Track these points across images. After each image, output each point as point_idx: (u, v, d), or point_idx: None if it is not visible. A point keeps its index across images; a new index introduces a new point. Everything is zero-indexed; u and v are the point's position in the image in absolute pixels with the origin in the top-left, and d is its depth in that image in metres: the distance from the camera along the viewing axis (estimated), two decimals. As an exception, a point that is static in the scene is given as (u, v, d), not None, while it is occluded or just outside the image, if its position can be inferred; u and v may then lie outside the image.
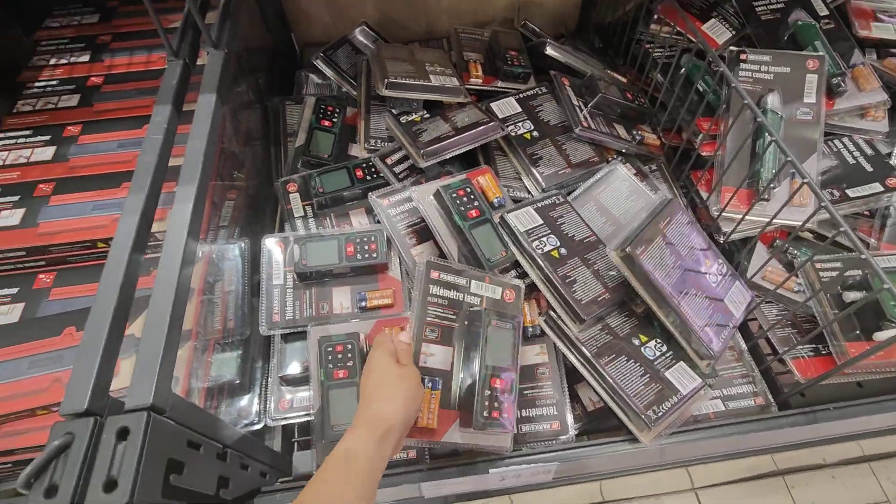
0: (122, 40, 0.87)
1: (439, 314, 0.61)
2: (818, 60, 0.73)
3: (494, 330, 0.61)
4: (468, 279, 0.64)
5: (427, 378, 0.58)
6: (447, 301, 0.62)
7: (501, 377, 0.59)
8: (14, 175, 0.69)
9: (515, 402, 0.60)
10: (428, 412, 0.56)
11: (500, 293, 0.65)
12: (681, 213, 0.64)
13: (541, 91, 0.84)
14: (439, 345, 0.60)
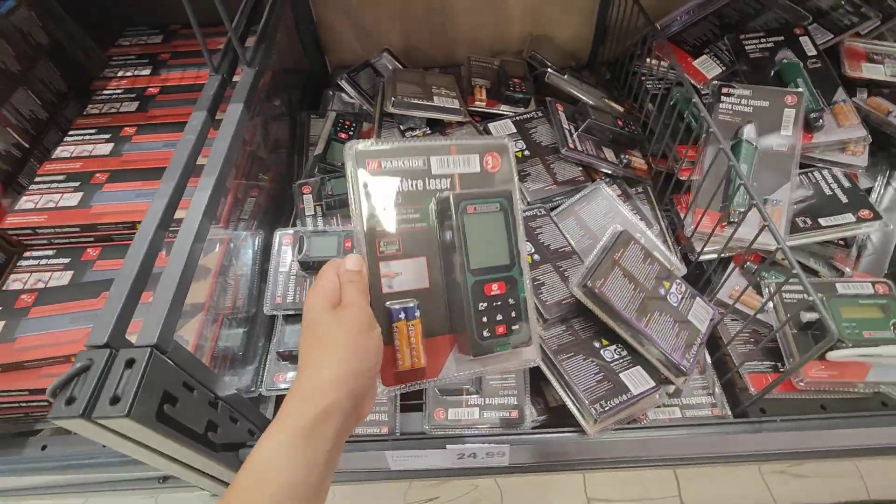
0: (178, 58, 1.01)
1: (393, 217, 0.46)
2: (796, 96, 0.77)
3: (473, 218, 0.47)
4: (425, 157, 0.47)
5: (397, 307, 0.46)
6: (401, 197, 0.46)
7: (499, 279, 0.47)
8: (77, 165, 0.82)
9: (529, 303, 0.49)
10: (409, 350, 0.46)
11: (479, 162, 0.49)
12: (633, 242, 0.68)
13: (536, 115, 0.91)
14: (404, 259, 0.47)
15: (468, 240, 0.46)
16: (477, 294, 0.47)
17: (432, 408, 0.68)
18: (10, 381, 0.64)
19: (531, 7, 1.09)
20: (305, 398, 0.38)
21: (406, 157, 0.47)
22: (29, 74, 0.86)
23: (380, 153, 0.46)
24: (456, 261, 0.47)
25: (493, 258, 0.48)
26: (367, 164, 0.46)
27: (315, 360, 0.40)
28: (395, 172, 0.47)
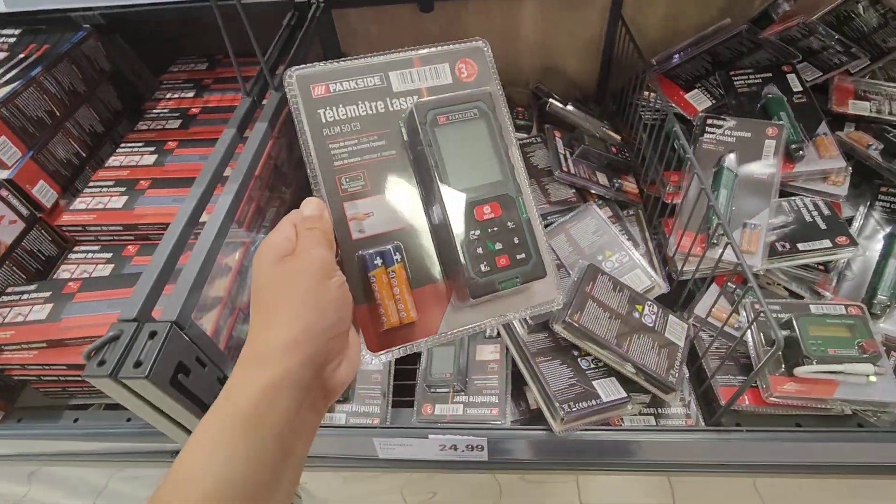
0: (220, 83, 1.13)
1: (353, 148, 0.40)
2: (777, 128, 0.82)
3: (446, 130, 0.39)
4: (382, 73, 0.41)
5: (371, 251, 0.39)
6: (359, 123, 0.40)
7: (491, 199, 0.40)
8: (125, 173, 0.94)
9: (536, 228, 0.41)
10: (393, 303, 0.38)
11: (450, 72, 0.43)
12: (600, 274, 0.73)
13: (536, 140, 0.98)
14: (374, 195, 0.40)
15: (444, 158, 0.39)
16: (465, 222, 0.39)
17: (421, 403, 0.74)
18: (54, 355, 0.73)
19: (540, 42, 1.17)
20: (245, 373, 0.32)
21: (359, 77, 0.40)
22: (92, 95, 0.99)
23: (326, 75, 0.40)
24: (432, 186, 0.39)
25: (480, 175, 0.40)
26: (312, 91, 0.40)
27: (258, 324, 0.33)
28: (348, 96, 0.40)
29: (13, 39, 0.96)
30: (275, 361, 0.32)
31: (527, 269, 0.41)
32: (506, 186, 0.41)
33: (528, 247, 0.41)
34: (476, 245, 0.40)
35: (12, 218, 0.82)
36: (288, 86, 0.40)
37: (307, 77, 0.40)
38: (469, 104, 0.41)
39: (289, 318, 0.32)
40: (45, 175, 0.86)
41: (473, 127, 0.41)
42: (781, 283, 0.80)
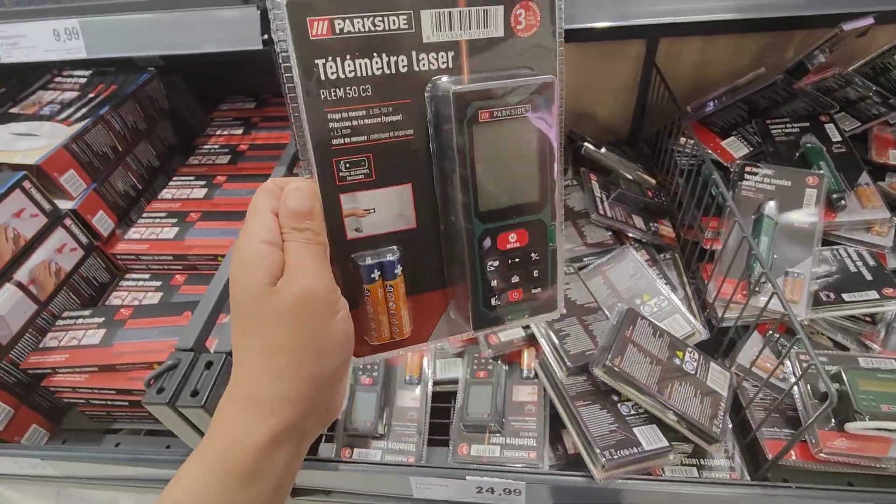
0: (266, 121, 1.19)
1: (359, 122, 0.31)
2: (818, 178, 0.82)
3: (487, 132, 0.31)
4: (410, 10, 0.30)
5: (370, 262, 0.33)
6: (370, 87, 0.31)
7: (520, 226, 0.34)
8: (177, 205, 0.99)
9: (559, 255, 0.36)
10: (386, 318, 0.34)
11: (503, 20, 0.32)
12: (640, 318, 0.73)
13: (571, 183, 1.00)
14: (379, 188, 0.33)
15: (478, 164, 0.31)
16: (487, 249, 0.33)
17: (457, 443, 0.74)
18: (104, 380, 0.75)
19: (574, 87, 1.21)
20: (244, 418, 0.29)
21: (377, 14, 0.29)
22: (151, 132, 1.05)
23: (332, 3, 0.29)
24: (458, 197, 0.32)
25: (515, 193, 0.33)
26: (309, 28, 0.29)
27: (254, 366, 0.30)
28: (359, 41, 0.30)
29: (84, 80, 1.04)
30: (277, 411, 0.30)
31: (538, 305, 0.37)
32: (541, 211, 0.35)
33: (547, 280, 0.37)
34: (492, 277, 0.35)
35: (73, 246, 0.86)
36: (273, 12, 0.28)
37: (304, 5, 0.28)
38: (521, 98, 0.31)
39: (290, 366, 0.30)
40: (104, 206, 0.92)
41: (520, 130, 0.32)
42: (826, 334, 0.79)
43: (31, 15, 0.75)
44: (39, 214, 0.81)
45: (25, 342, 0.78)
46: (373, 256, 0.33)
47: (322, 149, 0.31)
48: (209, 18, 0.73)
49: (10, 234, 0.76)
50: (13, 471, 0.80)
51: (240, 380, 0.31)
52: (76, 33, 0.75)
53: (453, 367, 0.81)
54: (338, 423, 0.77)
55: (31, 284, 0.79)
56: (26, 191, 0.79)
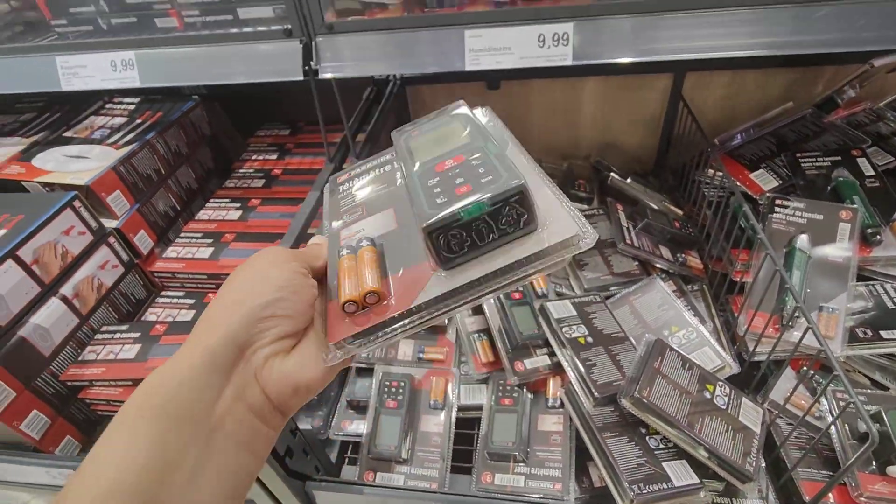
0: (300, 147, 1.23)
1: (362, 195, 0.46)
2: (851, 212, 0.81)
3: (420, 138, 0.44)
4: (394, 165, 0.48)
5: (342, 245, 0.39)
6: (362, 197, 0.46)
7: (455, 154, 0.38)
8: (213, 226, 1.02)
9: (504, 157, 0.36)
10: (354, 280, 0.35)
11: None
12: (668, 349, 0.72)
13: (598, 212, 1.01)
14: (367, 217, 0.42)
15: (414, 148, 0.41)
16: (425, 175, 0.37)
17: (480, 471, 0.73)
18: (137, 394, 0.77)
19: (601, 118, 1.23)
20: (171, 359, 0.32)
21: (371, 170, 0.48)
22: (192, 156, 1.10)
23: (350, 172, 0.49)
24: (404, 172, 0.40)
25: (448, 146, 0.39)
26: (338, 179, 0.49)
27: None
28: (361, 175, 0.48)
29: (133, 106, 1.10)
30: (194, 341, 0.32)
31: (495, 186, 0.32)
32: (474, 143, 0.38)
33: (497, 169, 0.34)
34: (434, 188, 0.35)
35: (115, 263, 0.90)
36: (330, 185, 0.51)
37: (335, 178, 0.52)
38: (444, 115, 0.44)
39: (222, 297, 0.34)
40: (145, 225, 0.96)
41: (447, 125, 0.42)
42: (863, 372, 0.77)
43: (92, 47, 0.81)
44: (87, 232, 0.85)
45: (66, 355, 0.81)
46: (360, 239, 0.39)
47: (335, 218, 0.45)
48: (253, 52, 0.78)
49: (59, 251, 0.80)
50: (44, 481, 0.82)
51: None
52: (132, 64, 0.80)
53: (478, 394, 0.81)
54: (361, 445, 0.77)
55: (74, 299, 0.83)
56: (76, 210, 0.83)
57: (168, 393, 0.30)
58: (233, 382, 0.32)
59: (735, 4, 0.64)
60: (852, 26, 0.62)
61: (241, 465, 0.32)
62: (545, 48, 0.69)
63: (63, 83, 0.83)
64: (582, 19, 0.67)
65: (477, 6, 0.73)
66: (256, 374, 0.33)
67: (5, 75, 0.84)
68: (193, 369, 0.31)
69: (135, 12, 0.85)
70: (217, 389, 0.31)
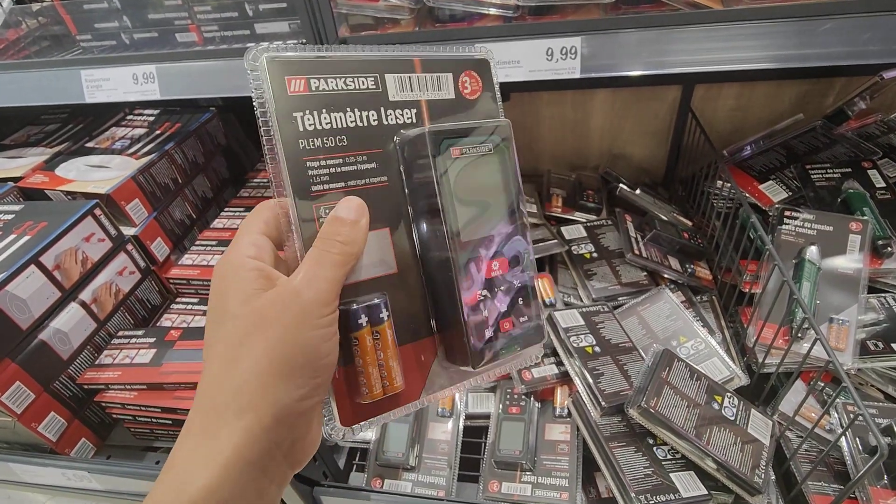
0: (313, 158, 1.26)
1: (336, 170, 0.32)
2: (861, 224, 0.81)
3: (459, 166, 0.34)
4: (377, 73, 0.34)
5: (355, 306, 0.32)
6: (346, 138, 0.33)
7: (496, 253, 0.36)
8: (227, 234, 1.04)
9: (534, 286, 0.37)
10: (376, 370, 0.32)
11: (453, 84, 0.38)
12: (676, 360, 0.72)
13: (606, 223, 1.02)
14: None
15: (456, 201, 0.34)
16: (473, 277, 0.34)
17: (487, 479, 0.73)
18: (152, 398, 0.79)
19: (609, 130, 1.23)
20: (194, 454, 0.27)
21: (349, 75, 0.33)
22: (208, 166, 1.13)
23: (309, 65, 0.32)
24: (436, 231, 0.34)
25: (491, 224, 0.35)
26: (288, 85, 0.31)
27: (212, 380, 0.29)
28: (334, 98, 0.33)
29: (152, 118, 1.13)
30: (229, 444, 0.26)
31: (529, 335, 0.37)
32: (518, 240, 0.37)
33: (532, 309, 0.38)
34: (482, 308, 0.35)
35: (132, 269, 0.92)
36: (253, 72, 0.31)
37: (283, 64, 0.31)
38: (485, 137, 0.36)
39: (253, 378, 0.27)
40: (162, 233, 0.98)
41: (488, 164, 0.36)
42: (876, 385, 0.76)
43: (115, 61, 0.84)
44: (106, 239, 0.87)
45: (83, 358, 0.83)
46: (358, 302, 0.32)
47: (302, 196, 0.31)
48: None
49: (80, 257, 0.83)
50: (60, 482, 0.84)
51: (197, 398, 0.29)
52: (153, 78, 0.83)
53: (485, 402, 0.81)
54: (369, 452, 0.78)
55: (92, 304, 0.85)
56: (97, 217, 0.86)
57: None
58: (272, 479, 0.28)
59: (741, 18, 0.65)
60: (858, 39, 0.63)
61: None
62: (553, 62, 0.70)
63: (87, 96, 0.86)
64: (590, 33, 0.68)
65: (486, 21, 0.75)
66: (291, 461, 0.30)
67: (33, 88, 0.88)
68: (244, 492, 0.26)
69: (156, 28, 0.88)
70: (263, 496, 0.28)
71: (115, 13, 0.88)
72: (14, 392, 0.72)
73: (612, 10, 0.72)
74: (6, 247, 0.78)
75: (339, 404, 0.32)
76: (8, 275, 0.72)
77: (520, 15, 0.73)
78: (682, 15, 0.68)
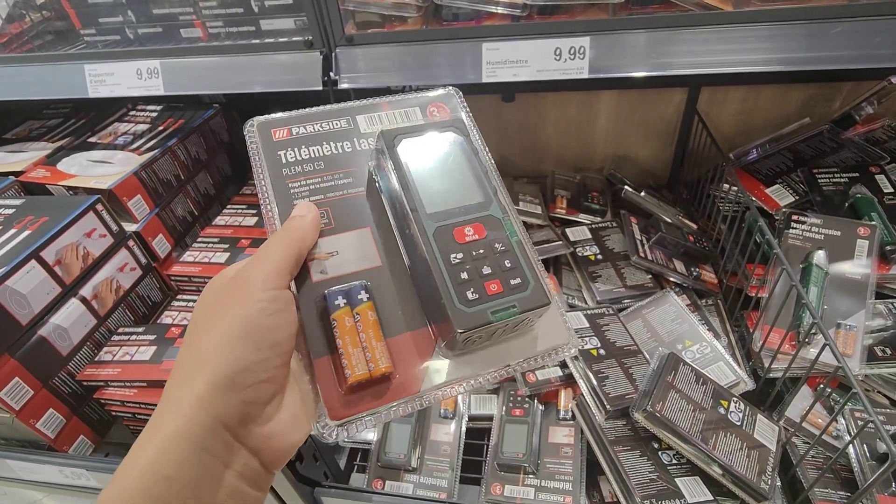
0: (316, 156, 1.25)
1: (315, 186, 0.37)
2: (870, 229, 0.80)
3: (416, 154, 0.37)
4: (348, 116, 0.40)
5: (334, 290, 0.34)
6: (323, 163, 0.38)
7: (473, 220, 0.36)
8: (229, 232, 1.04)
9: (530, 252, 0.36)
10: (359, 351, 0.32)
11: (420, 114, 0.42)
12: (682, 364, 0.71)
13: (611, 225, 1.01)
14: (339, 233, 0.37)
15: (415, 179, 0.36)
16: (444, 242, 0.34)
17: (490, 482, 0.72)
18: (151, 395, 0.78)
19: (614, 131, 1.23)
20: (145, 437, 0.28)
21: (323, 121, 0.39)
22: (210, 162, 1.12)
23: (288, 120, 0.39)
24: (404, 211, 0.35)
25: (458, 197, 0.36)
26: (273, 135, 0.38)
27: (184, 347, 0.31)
28: (311, 137, 0.39)
29: (155, 114, 1.13)
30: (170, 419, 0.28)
31: (525, 296, 0.34)
32: (490, 207, 0.37)
33: (524, 271, 0.35)
34: (459, 269, 0.34)
35: (133, 265, 0.92)
36: (248, 134, 0.39)
37: (268, 123, 0.39)
38: (441, 130, 0.39)
39: (193, 362, 0.29)
40: (164, 230, 0.97)
41: (446, 150, 0.38)
42: (883, 392, 0.75)
43: (119, 56, 0.83)
44: (107, 235, 0.86)
45: (83, 355, 0.82)
46: (337, 287, 0.34)
47: (285, 209, 0.37)
48: (274, 62, 0.80)
49: (81, 252, 0.82)
50: (57, 479, 0.83)
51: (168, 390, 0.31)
52: (157, 73, 0.83)
53: (488, 404, 0.81)
54: (370, 453, 0.77)
55: (93, 300, 0.84)
56: (98, 213, 0.85)
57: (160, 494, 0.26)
58: (229, 465, 0.28)
59: (752, 20, 0.64)
60: (869, 43, 0.62)
61: None
62: (561, 61, 0.70)
63: (90, 90, 0.85)
64: (598, 33, 0.68)
65: (494, 20, 0.74)
66: (251, 447, 0.29)
67: (36, 82, 0.87)
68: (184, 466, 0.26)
69: (161, 23, 0.88)
70: (214, 478, 0.28)
71: (120, 8, 0.88)
72: (13, 388, 0.72)
73: (621, 11, 0.72)
74: (6, 241, 0.77)
75: (325, 396, 0.32)
76: (8, 269, 0.72)
77: (528, 14, 0.73)
78: (692, 16, 0.67)
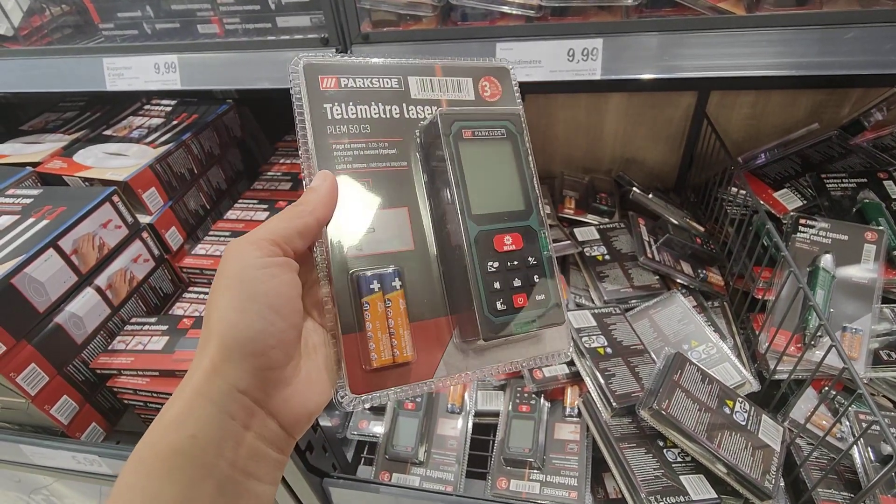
0: (326, 153, 1.27)
1: (360, 152, 0.36)
2: (877, 234, 0.81)
3: (471, 147, 0.37)
4: (400, 76, 0.38)
5: (369, 273, 0.34)
6: (370, 126, 0.37)
7: (512, 230, 0.37)
8: (241, 226, 1.05)
9: (555, 267, 0.38)
10: (387, 337, 0.34)
11: (473, 87, 0.40)
12: (688, 363, 0.72)
13: (619, 226, 1.02)
14: (377, 208, 0.36)
15: (466, 176, 0.36)
16: (484, 249, 0.35)
17: (496, 476, 0.73)
18: (163, 384, 0.80)
19: (623, 134, 1.24)
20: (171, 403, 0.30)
21: (374, 76, 0.38)
22: (223, 157, 1.14)
23: (339, 68, 0.37)
24: (450, 208, 0.35)
25: (502, 202, 0.37)
26: (320, 82, 0.36)
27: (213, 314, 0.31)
28: (360, 94, 0.37)
29: (169, 108, 1.14)
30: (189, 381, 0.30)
31: (545, 313, 0.37)
32: (529, 217, 0.38)
33: (548, 288, 0.37)
34: (493, 279, 0.35)
35: (146, 257, 0.93)
36: (293, 74, 0.36)
37: (317, 67, 0.36)
38: (497, 122, 0.38)
39: (206, 333, 0.30)
40: (177, 222, 0.99)
41: (500, 148, 0.38)
42: (887, 396, 0.76)
43: (137, 50, 0.85)
44: (122, 226, 0.88)
45: (97, 343, 0.84)
46: (373, 270, 0.35)
47: (327, 168, 0.36)
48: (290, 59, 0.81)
49: (97, 243, 0.83)
50: (69, 465, 0.84)
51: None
52: (174, 67, 0.84)
53: (495, 399, 0.82)
54: (378, 445, 0.78)
55: (107, 290, 0.85)
56: (114, 204, 0.86)
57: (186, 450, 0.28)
58: (250, 427, 0.30)
59: (764, 24, 0.65)
60: (880, 49, 0.63)
61: (261, 498, 0.31)
62: (574, 62, 0.71)
63: (108, 84, 0.87)
64: (612, 35, 0.69)
65: (507, 21, 0.75)
66: (269, 409, 0.31)
67: (55, 74, 0.88)
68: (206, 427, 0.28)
69: (178, 18, 0.89)
70: (235, 438, 0.29)
71: (139, 3, 0.89)
72: (29, 373, 0.73)
73: (634, 13, 0.72)
74: (25, 229, 0.79)
75: (349, 370, 0.33)
76: (27, 257, 0.73)
77: (542, 15, 0.74)
78: (704, 20, 0.68)
